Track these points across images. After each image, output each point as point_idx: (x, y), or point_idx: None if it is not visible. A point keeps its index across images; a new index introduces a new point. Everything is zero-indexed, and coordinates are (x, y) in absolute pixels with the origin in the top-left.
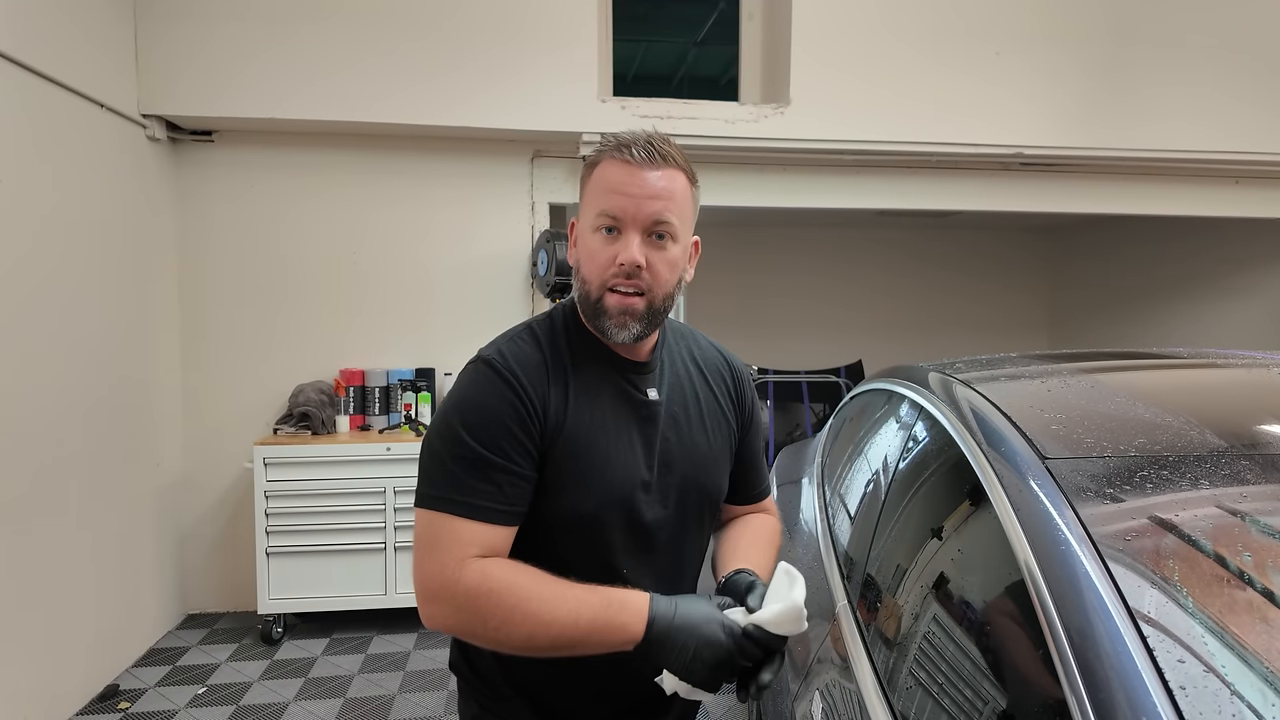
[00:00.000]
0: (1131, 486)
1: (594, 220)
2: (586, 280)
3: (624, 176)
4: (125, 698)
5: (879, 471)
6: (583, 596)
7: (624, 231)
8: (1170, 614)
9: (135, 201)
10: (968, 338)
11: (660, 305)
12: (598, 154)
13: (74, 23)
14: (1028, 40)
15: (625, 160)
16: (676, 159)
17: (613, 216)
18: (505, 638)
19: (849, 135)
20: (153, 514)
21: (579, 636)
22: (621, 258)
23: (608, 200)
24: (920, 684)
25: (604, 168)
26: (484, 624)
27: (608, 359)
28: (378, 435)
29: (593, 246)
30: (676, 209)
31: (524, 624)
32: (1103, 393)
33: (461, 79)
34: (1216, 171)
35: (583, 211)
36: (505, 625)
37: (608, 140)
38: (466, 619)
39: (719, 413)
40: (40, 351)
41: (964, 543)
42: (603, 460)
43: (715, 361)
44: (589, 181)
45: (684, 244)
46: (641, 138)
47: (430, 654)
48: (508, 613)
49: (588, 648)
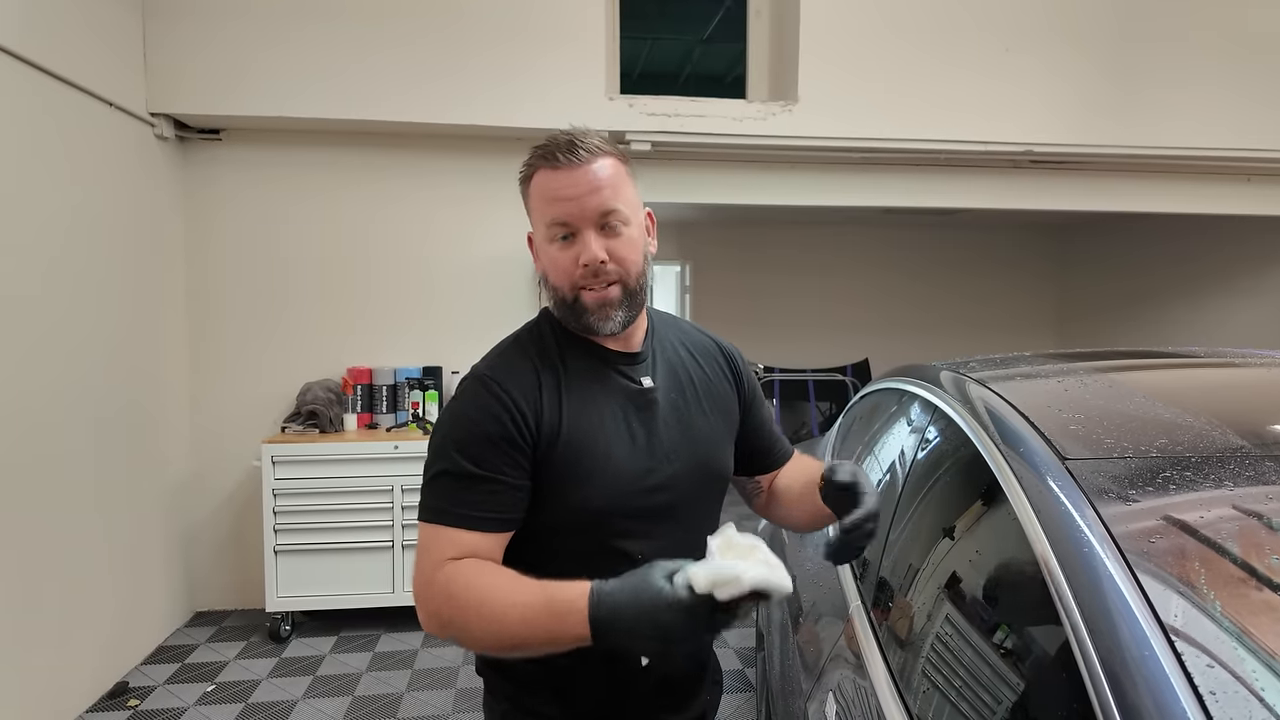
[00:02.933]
0: (1154, 488)
1: (546, 231)
2: (557, 287)
3: (560, 182)
4: (134, 695)
5: (891, 472)
6: (530, 602)
7: (578, 233)
8: (1198, 617)
9: (143, 200)
10: (975, 337)
11: (635, 286)
12: (529, 168)
13: (84, 21)
14: (1037, 37)
15: (556, 166)
16: (601, 147)
17: (563, 223)
18: (472, 638)
19: (857, 133)
20: (161, 512)
21: (534, 642)
22: (584, 259)
23: (553, 208)
24: (937, 687)
25: (539, 179)
26: (453, 625)
27: (599, 355)
28: (385, 433)
29: (553, 255)
30: (618, 194)
31: (485, 625)
32: (1121, 392)
33: (469, 77)
34: (1229, 169)
35: (534, 225)
36: (468, 627)
37: (534, 152)
38: (440, 622)
39: (717, 393)
40: (48, 350)
41: (981, 544)
42: (606, 455)
43: (704, 344)
44: (529, 195)
45: (638, 222)
46: (563, 140)
47: (437, 652)
48: (470, 614)
49: (549, 650)
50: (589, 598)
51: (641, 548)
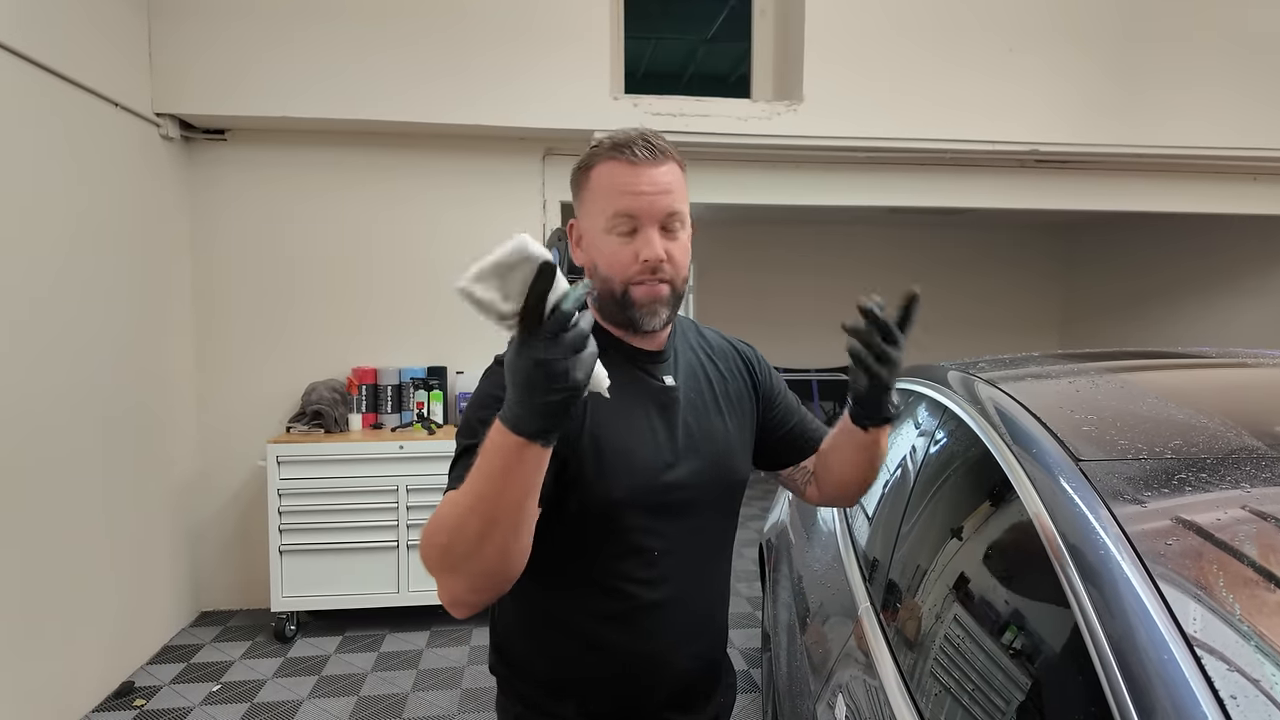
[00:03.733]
0: (1169, 489)
1: (608, 222)
2: (608, 279)
3: (632, 177)
4: (140, 694)
5: (900, 472)
6: (473, 472)
7: (641, 229)
8: (1217, 620)
9: (149, 201)
10: (979, 337)
11: (680, 289)
12: (591, 157)
13: (90, 22)
14: (1041, 36)
15: (629, 160)
16: (671, 152)
17: (631, 216)
18: (463, 544)
19: (862, 132)
20: (167, 512)
21: (490, 485)
22: (645, 254)
23: (621, 201)
24: (949, 691)
25: (606, 170)
26: (444, 549)
27: (624, 352)
28: (390, 433)
29: (611, 247)
30: (682, 199)
31: (457, 515)
32: (1133, 393)
33: (473, 77)
34: (1234, 168)
35: (588, 213)
36: (450, 530)
37: (601, 142)
38: (436, 554)
39: (734, 395)
40: (55, 350)
41: (993, 546)
42: (629, 450)
43: (721, 347)
44: (588, 185)
45: (689, 228)
46: (636, 136)
47: (442, 652)
48: (446, 517)
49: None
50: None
51: (657, 544)
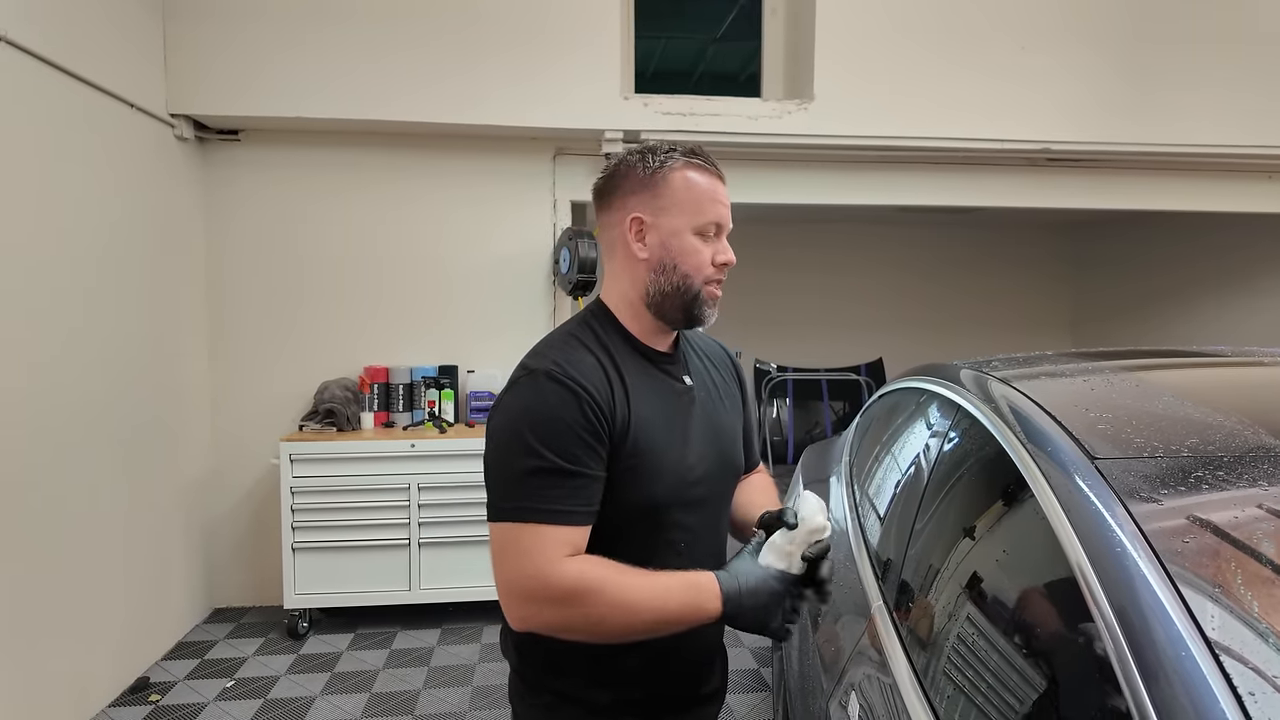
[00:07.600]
0: (1186, 488)
1: (699, 225)
2: (688, 275)
3: (717, 186)
4: (155, 690)
5: (912, 471)
6: (666, 584)
7: (719, 235)
8: (1234, 618)
9: (163, 201)
10: (989, 337)
11: None
12: (666, 159)
13: (107, 24)
14: (1052, 37)
15: (708, 171)
16: None
17: (719, 224)
18: (605, 629)
19: (873, 131)
20: (181, 510)
21: (667, 620)
22: (723, 258)
23: (713, 209)
24: (962, 691)
25: (694, 176)
26: (585, 619)
27: (644, 353)
28: (402, 432)
29: (696, 246)
30: None
31: (622, 615)
32: (1148, 391)
33: (484, 77)
34: (1248, 166)
35: (671, 214)
36: (606, 618)
37: (672, 147)
38: (567, 615)
39: (729, 392)
40: (69, 350)
41: (1009, 544)
42: (664, 449)
43: (713, 348)
44: (669, 186)
45: None
46: (700, 150)
47: (454, 650)
48: (608, 606)
49: (673, 629)
50: (718, 578)
51: (685, 537)
